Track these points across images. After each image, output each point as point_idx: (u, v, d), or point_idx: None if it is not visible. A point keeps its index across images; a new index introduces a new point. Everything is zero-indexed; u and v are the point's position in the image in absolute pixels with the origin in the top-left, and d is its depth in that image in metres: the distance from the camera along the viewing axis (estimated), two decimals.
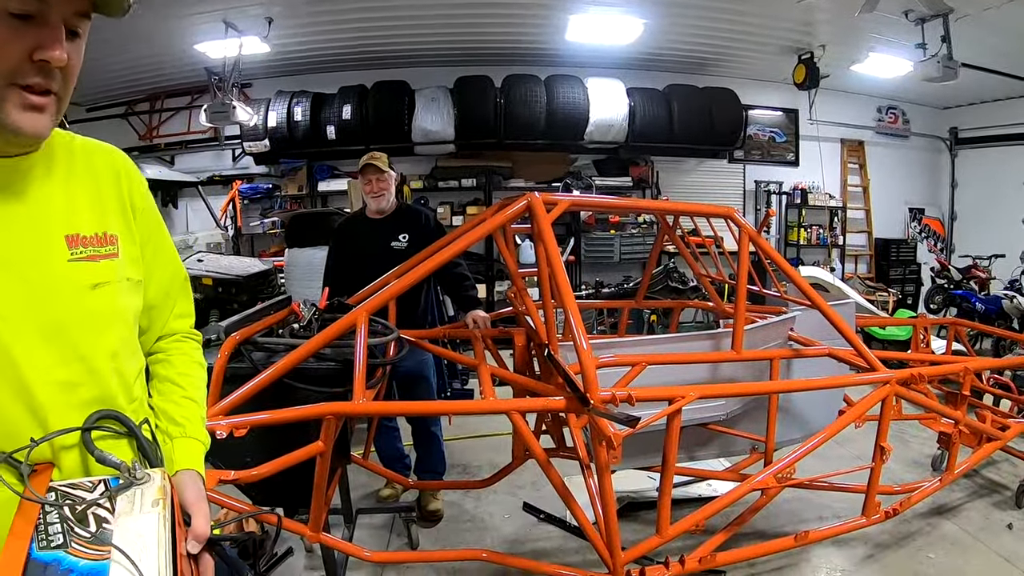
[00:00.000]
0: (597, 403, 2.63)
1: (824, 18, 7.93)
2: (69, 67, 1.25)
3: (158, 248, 1.61)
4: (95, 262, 1.36)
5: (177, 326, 1.70)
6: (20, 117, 1.21)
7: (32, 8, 1.17)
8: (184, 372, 1.64)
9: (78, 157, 1.45)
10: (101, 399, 1.35)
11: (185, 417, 1.56)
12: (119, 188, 1.49)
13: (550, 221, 3.31)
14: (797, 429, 3.92)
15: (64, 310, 1.30)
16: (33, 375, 1.24)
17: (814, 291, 3.70)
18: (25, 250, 1.27)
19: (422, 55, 9.63)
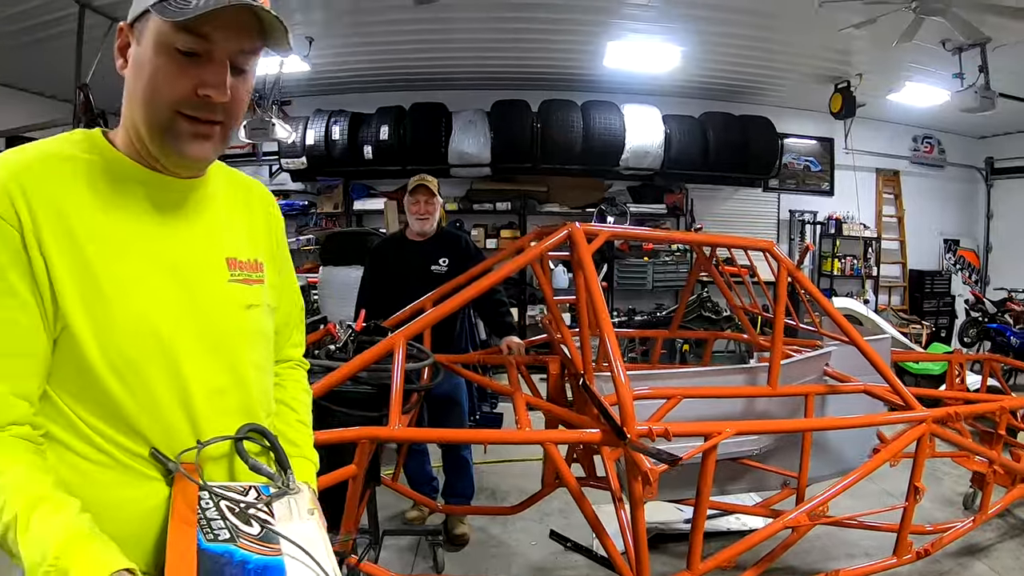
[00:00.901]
0: (634, 437, 2.64)
1: (861, 47, 7.88)
2: (233, 101, 1.34)
3: (287, 280, 1.74)
4: (249, 285, 1.50)
5: (292, 353, 1.81)
6: (186, 144, 1.32)
7: (197, 47, 1.26)
8: (296, 397, 1.75)
9: (237, 189, 1.60)
10: (245, 408, 1.46)
11: (300, 438, 1.67)
12: (268, 221, 1.64)
13: (591, 252, 3.32)
14: (830, 465, 3.90)
15: (223, 325, 1.43)
16: (193, 380, 1.35)
17: (851, 326, 3.70)
18: (195, 267, 1.40)
19: (460, 78, 9.69)
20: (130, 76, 1.34)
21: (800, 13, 6.94)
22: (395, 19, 7.13)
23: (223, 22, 1.26)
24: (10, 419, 1.19)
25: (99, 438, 1.27)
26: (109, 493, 1.26)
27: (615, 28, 7.73)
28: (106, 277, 1.26)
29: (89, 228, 1.26)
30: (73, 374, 1.25)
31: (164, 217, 1.38)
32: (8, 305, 1.19)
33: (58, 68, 7.38)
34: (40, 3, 6.30)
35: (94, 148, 1.35)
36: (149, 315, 1.30)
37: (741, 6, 6.91)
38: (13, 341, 1.20)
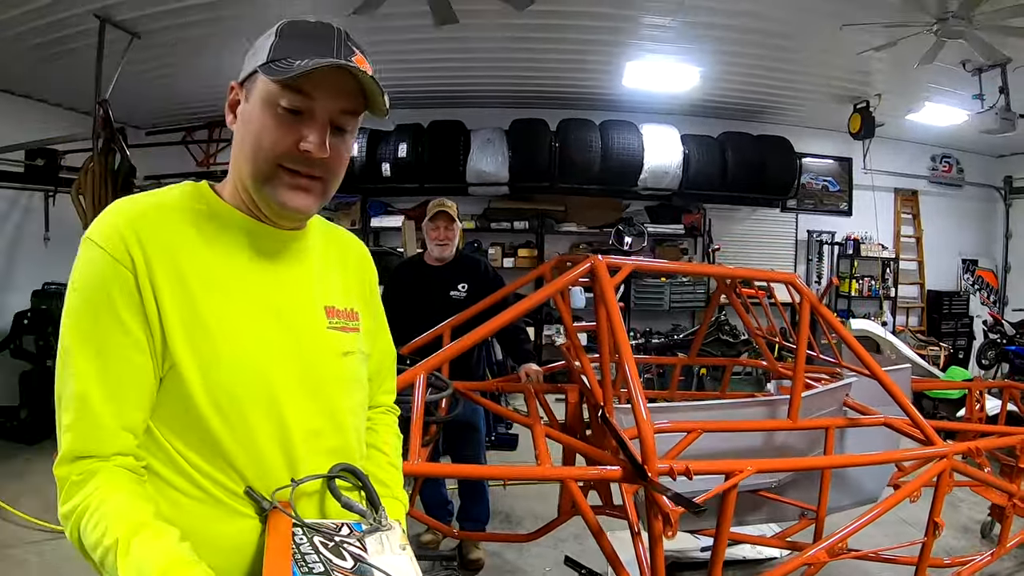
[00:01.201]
0: (655, 476, 2.62)
1: (881, 67, 7.86)
2: (332, 159, 1.42)
3: (380, 329, 1.81)
4: (345, 333, 1.57)
5: (383, 399, 1.87)
6: (287, 195, 1.41)
7: (300, 105, 1.36)
8: (387, 441, 1.80)
9: (334, 242, 1.69)
10: (341, 449, 1.52)
11: (390, 480, 1.70)
12: (362, 273, 1.74)
13: (614, 285, 3.31)
14: (848, 496, 3.88)
15: (322, 369, 1.49)
16: (292, 421, 1.41)
17: (871, 359, 3.66)
18: (297, 312, 1.49)
19: (478, 96, 9.69)
20: (238, 130, 1.44)
21: (819, 34, 6.96)
22: (415, 38, 7.13)
23: (325, 84, 1.35)
24: (115, 449, 1.27)
25: (197, 473, 1.33)
26: (204, 526, 1.32)
27: (634, 48, 7.73)
28: (214, 318, 1.34)
29: (198, 272, 1.35)
30: (176, 410, 1.33)
31: (267, 264, 1.47)
32: (121, 343, 1.28)
33: (78, 82, 7.43)
34: (61, 17, 6.32)
35: (202, 198, 1.46)
36: (254, 356, 1.38)
37: (760, 27, 6.90)
38: (124, 377, 1.28)
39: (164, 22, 6.64)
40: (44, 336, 7.61)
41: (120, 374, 1.28)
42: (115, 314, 1.27)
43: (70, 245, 5.20)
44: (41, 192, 8.67)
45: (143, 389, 1.30)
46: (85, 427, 1.27)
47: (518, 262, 10.14)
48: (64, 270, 4.82)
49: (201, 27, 6.64)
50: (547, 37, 7.44)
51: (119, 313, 1.27)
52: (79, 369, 1.27)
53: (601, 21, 6.98)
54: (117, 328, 1.28)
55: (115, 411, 1.27)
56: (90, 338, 1.28)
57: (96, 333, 1.28)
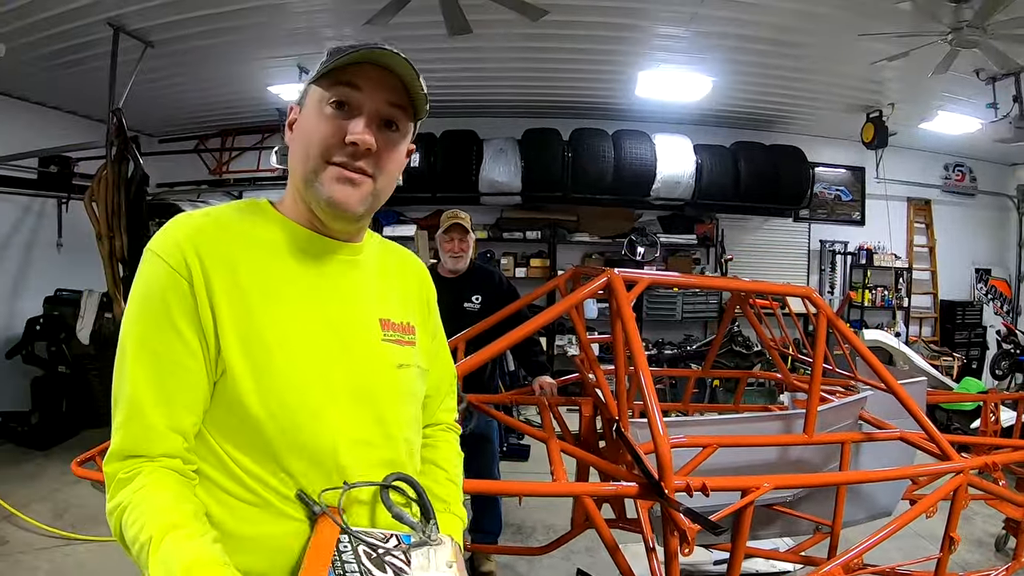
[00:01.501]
0: (671, 493, 2.61)
1: (894, 76, 7.82)
2: (381, 155, 1.45)
3: (439, 347, 1.83)
4: (400, 346, 1.58)
5: (443, 417, 1.88)
6: (333, 188, 1.43)
7: (345, 96, 1.42)
8: (447, 458, 1.81)
9: (392, 257, 1.74)
10: (392, 461, 1.52)
11: (449, 495, 1.71)
12: (421, 289, 1.77)
13: (630, 300, 3.30)
14: (862, 510, 3.85)
15: (374, 380, 1.51)
16: (342, 430, 1.43)
17: (888, 373, 3.63)
18: (351, 323, 1.51)
19: (491, 105, 9.70)
20: (292, 140, 1.51)
21: (832, 43, 6.94)
22: (429, 48, 7.14)
23: (368, 77, 1.41)
24: (163, 451, 1.32)
25: (247, 476, 1.36)
26: (253, 528, 1.36)
27: (647, 58, 7.71)
28: (268, 327, 1.38)
29: (254, 281, 1.39)
30: (228, 415, 1.36)
31: (324, 276, 1.50)
32: (175, 348, 1.33)
33: (92, 90, 7.48)
34: (76, 26, 6.36)
35: (261, 213, 1.52)
36: (306, 364, 1.40)
37: (773, 37, 6.88)
38: (176, 381, 1.33)
39: (178, 31, 6.66)
40: (56, 342, 7.66)
41: (172, 378, 1.32)
42: (171, 320, 1.32)
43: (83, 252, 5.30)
44: (54, 199, 8.72)
45: (194, 393, 1.34)
46: (135, 427, 1.32)
47: (530, 272, 10.15)
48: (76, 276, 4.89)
49: (214, 36, 6.66)
50: (560, 47, 7.44)
51: (174, 320, 1.32)
52: (133, 372, 1.33)
53: (614, 31, 6.97)
54: (172, 334, 1.33)
55: (165, 413, 1.31)
56: (145, 343, 1.34)
57: (151, 338, 1.33)
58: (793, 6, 6.13)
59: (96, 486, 2.91)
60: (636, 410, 3.81)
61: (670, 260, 10.35)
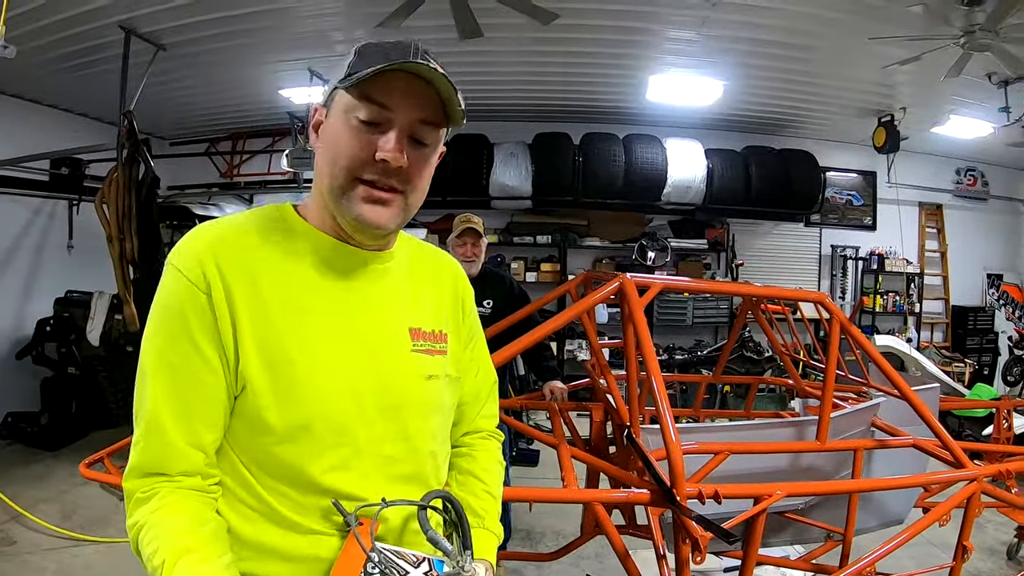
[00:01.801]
0: (683, 499, 2.59)
1: (905, 80, 7.77)
2: (411, 172, 1.40)
3: (476, 352, 1.77)
4: (431, 356, 1.54)
5: (483, 425, 1.82)
6: (363, 208, 1.38)
7: (378, 117, 1.35)
8: (486, 468, 1.75)
9: (423, 261, 1.68)
10: (416, 476, 1.50)
11: (485, 510, 1.67)
12: (455, 293, 1.70)
13: (642, 305, 3.28)
14: (874, 517, 3.82)
15: (402, 392, 1.47)
16: (366, 445, 1.41)
17: (901, 379, 3.60)
18: (378, 334, 1.47)
19: (502, 109, 9.67)
20: (319, 148, 1.45)
21: (843, 47, 6.92)
22: (439, 51, 7.04)
23: (400, 92, 1.35)
24: (182, 468, 1.32)
25: (266, 492, 1.36)
26: (278, 541, 1.36)
27: (658, 62, 7.71)
28: (291, 340, 1.35)
29: (277, 293, 1.37)
30: (248, 430, 1.36)
31: (350, 285, 1.46)
32: (194, 363, 1.31)
33: (104, 92, 7.50)
34: (88, 29, 6.38)
35: (284, 220, 1.48)
36: (330, 379, 1.37)
37: (784, 40, 6.86)
38: (195, 397, 1.32)
39: (189, 35, 6.68)
40: (66, 343, 7.69)
41: (191, 394, 1.32)
42: (189, 335, 1.31)
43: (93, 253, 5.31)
44: (65, 201, 8.74)
45: (214, 409, 1.34)
46: (154, 444, 1.32)
47: (541, 276, 10.15)
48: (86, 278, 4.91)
49: (225, 40, 6.67)
50: (571, 51, 7.43)
51: (193, 335, 1.31)
52: (153, 388, 1.32)
53: (625, 35, 6.97)
54: (191, 349, 1.31)
55: (184, 430, 1.31)
56: (164, 358, 1.32)
57: (170, 354, 1.32)
58: (804, 10, 6.12)
59: (105, 488, 2.92)
60: (647, 416, 3.79)
61: (681, 265, 10.31)
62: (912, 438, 3.61)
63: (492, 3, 5.29)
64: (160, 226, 6.98)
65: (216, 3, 6.02)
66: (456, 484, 1.70)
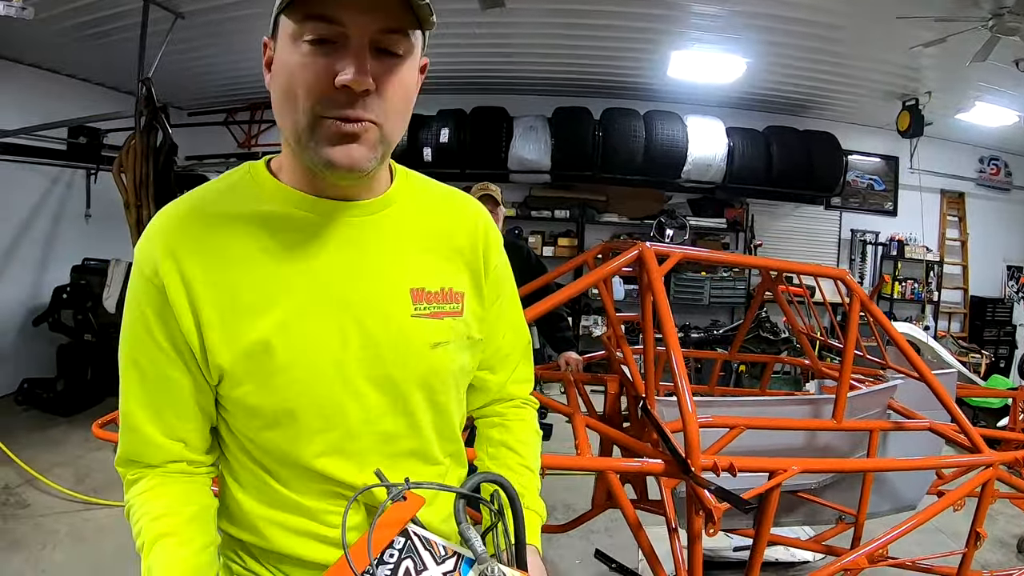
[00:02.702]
0: (698, 471, 2.56)
1: (931, 63, 7.67)
2: (384, 91, 1.17)
3: (504, 308, 1.57)
4: (438, 320, 1.35)
5: (515, 391, 1.66)
6: (331, 150, 1.17)
7: (328, 33, 1.12)
8: (521, 440, 1.61)
9: (434, 204, 1.46)
10: (418, 452, 1.39)
11: (524, 486, 1.50)
12: (474, 243, 1.46)
13: (662, 274, 3.23)
14: (887, 502, 3.79)
15: (399, 365, 1.31)
16: (360, 426, 1.30)
17: (920, 361, 3.56)
18: (370, 301, 1.29)
19: (522, 82, 9.62)
20: (272, 87, 1.24)
21: (869, 27, 6.82)
22: (460, 22, 7.09)
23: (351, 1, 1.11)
24: (162, 459, 1.30)
25: (268, 475, 1.32)
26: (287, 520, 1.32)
27: (680, 38, 7.63)
28: (266, 322, 1.23)
29: (246, 272, 1.23)
30: (237, 414, 1.29)
31: (334, 248, 1.28)
32: (157, 359, 1.25)
33: (121, 61, 7.46)
34: None
35: (254, 183, 1.31)
36: (312, 358, 1.25)
37: (809, 18, 6.78)
38: (163, 394, 1.27)
39: (208, 3, 6.65)
40: (83, 310, 7.74)
41: (159, 392, 1.27)
42: (149, 333, 1.24)
43: (111, 222, 5.33)
44: (83, 169, 8.79)
45: (185, 403, 1.28)
46: (133, 439, 1.30)
47: (558, 251, 10.12)
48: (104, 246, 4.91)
49: (245, 7, 6.61)
50: (593, 24, 7.35)
51: (152, 332, 1.24)
52: (125, 387, 1.29)
53: (648, 8, 6.91)
54: (153, 347, 1.24)
55: (159, 426, 1.28)
56: (131, 357, 1.27)
57: (135, 352, 1.27)
58: None
59: None
60: (662, 390, 3.77)
61: (699, 244, 10.24)
62: (929, 421, 3.56)
63: None
64: (178, 193, 6.98)
65: None
66: (488, 457, 1.59)
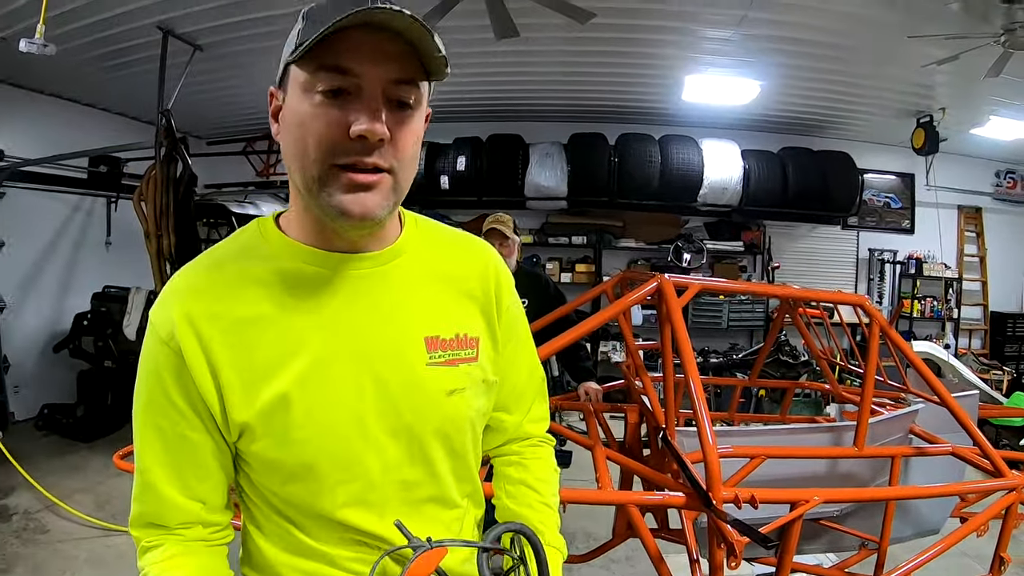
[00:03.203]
0: (719, 503, 2.56)
1: (944, 80, 7.67)
2: (398, 141, 1.18)
3: (518, 349, 1.56)
4: (453, 367, 1.35)
5: (532, 430, 1.66)
6: (344, 199, 1.16)
7: (342, 83, 1.13)
8: (540, 478, 1.60)
9: (444, 252, 1.45)
10: (437, 497, 1.38)
11: (543, 523, 1.51)
12: (486, 287, 1.46)
13: (680, 305, 3.24)
14: (910, 526, 3.76)
15: (416, 414, 1.31)
16: (380, 476, 1.29)
17: (941, 385, 3.55)
18: (384, 352, 1.29)
19: (537, 109, 9.67)
20: (283, 137, 1.24)
21: (881, 46, 6.83)
22: (475, 51, 7.14)
23: (363, 50, 1.12)
24: (180, 520, 1.28)
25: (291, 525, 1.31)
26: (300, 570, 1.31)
27: (694, 62, 7.67)
28: (283, 378, 1.22)
29: (262, 331, 1.23)
30: (258, 468, 1.29)
31: (347, 301, 1.28)
32: (175, 421, 1.24)
33: (141, 92, 7.59)
34: (126, 29, 6.48)
35: (264, 240, 1.31)
36: (329, 412, 1.25)
37: (821, 40, 6.79)
38: (183, 455, 1.25)
39: (226, 35, 6.74)
40: (103, 337, 7.80)
41: (179, 453, 1.26)
42: (167, 395, 1.23)
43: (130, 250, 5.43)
44: (104, 198, 8.93)
45: (204, 463, 1.28)
46: (150, 500, 1.28)
47: (575, 277, 10.12)
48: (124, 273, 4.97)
49: (262, 40, 6.68)
50: (607, 51, 7.39)
51: (170, 394, 1.23)
52: (141, 447, 1.27)
53: (661, 35, 6.94)
54: (171, 409, 1.23)
55: (177, 487, 1.26)
56: (149, 419, 1.26)
57: (153, 415, 1.25)
58: (841, 8, 6.05)
59: None
60: (682, 419, 3.76)
61: (716, 267, 10.24)
62: (951, 446, 3.54)
63: (529, 2, 5.28)
64: (197, 223, 7.05)
65: (252, 5, 6.06)
66: (507, 496, 1.59)
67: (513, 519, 1.51)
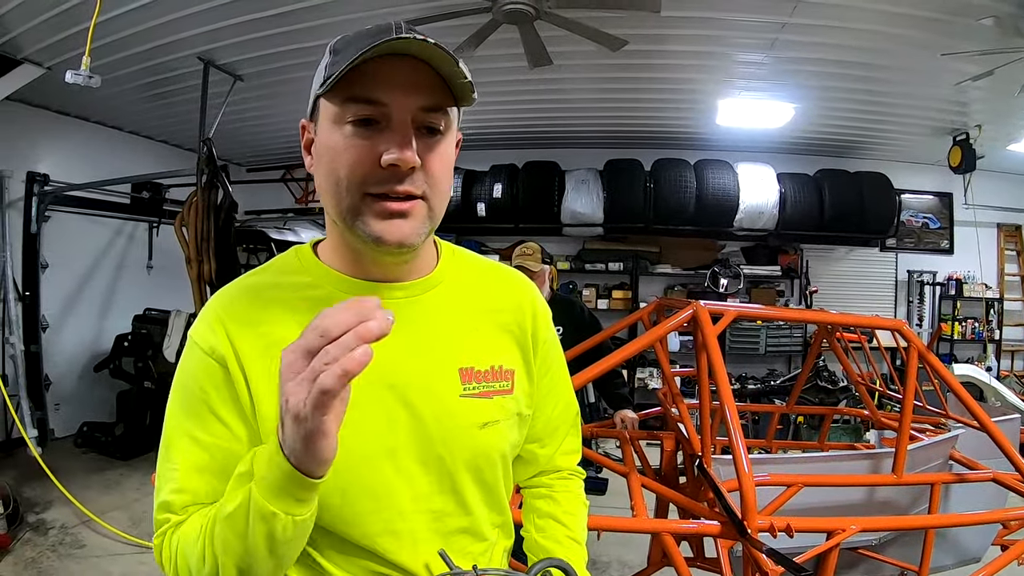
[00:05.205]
0: (754, 532, 2.56)
1: (980, 96, 7.57)
2: (429, 167, 1.20)
3: (553, 382, 1.57)
4: (487, 399, 1.35)
5: (562, 463, 1.67)
6: (379, 226, 1.18)
7: (372, 113, 1.15)
8: (569, 511, 1.61)
9: (480, 281, 1.46)
10: (468, 529, 1.37)
11: (571, 559, 1.48)
12: (522, 320, 1.46)
13: (716, 333, 3.24)
14: (950, 555, 3.71)
15: (447, 446, 1.30)
16: (410, 506, 1.28)
17: (981, 409, 3.51)
18: (418, 383, 1.28)
19: (573, 136, 9.73)
20: (316, 169, 1.26)
21: (915, 65, 6.79)
22: (510, 80, 7.22)
23: (391, 80, 1.14)
24: None
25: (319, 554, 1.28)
26: None
27: (727, 86, 7.67)
28: None
29: None
30: None
31: None
32: (219, 434, 1.22)
33: (183, 121, 7.77)
34: (168, 60, 6.65)
35: (302, 268, 1.33)
36: (360, 441, 1.23)
37: (854, 60, 6.76)
38: (224, 464, 1.20)
39: (265, 65, 6.89)
40: (143, 358, 7.95)
41: (220, 462, 1.22)
42: (210, 407, 1.23)
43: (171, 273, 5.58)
44: (146, 223, 9.16)
45: None
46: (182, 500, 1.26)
47: (612, 304, 10.12)
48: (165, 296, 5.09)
49: (300, 70, 6.80)
50: (640, 77, 7.44)
51: (214, 406, 1.23)
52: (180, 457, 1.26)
53: (694, 60, 6.96)
54: (212, 421, 1.23)
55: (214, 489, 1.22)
56: (186, 432, 1.25)
57: (195, 430, 1.24)
58: (873, 28, 6.02)
59: None
60: (718, 446, 3.76)
61: (753, 292, 10.16)
62: (992, 472, 3.50)
63: (562, 31, 5.33)
64: (237, 249, 7.15)
65: (291, 36, 6.18)
66: (535, 530, 1.59)
67: (541, 553, 1.52)
